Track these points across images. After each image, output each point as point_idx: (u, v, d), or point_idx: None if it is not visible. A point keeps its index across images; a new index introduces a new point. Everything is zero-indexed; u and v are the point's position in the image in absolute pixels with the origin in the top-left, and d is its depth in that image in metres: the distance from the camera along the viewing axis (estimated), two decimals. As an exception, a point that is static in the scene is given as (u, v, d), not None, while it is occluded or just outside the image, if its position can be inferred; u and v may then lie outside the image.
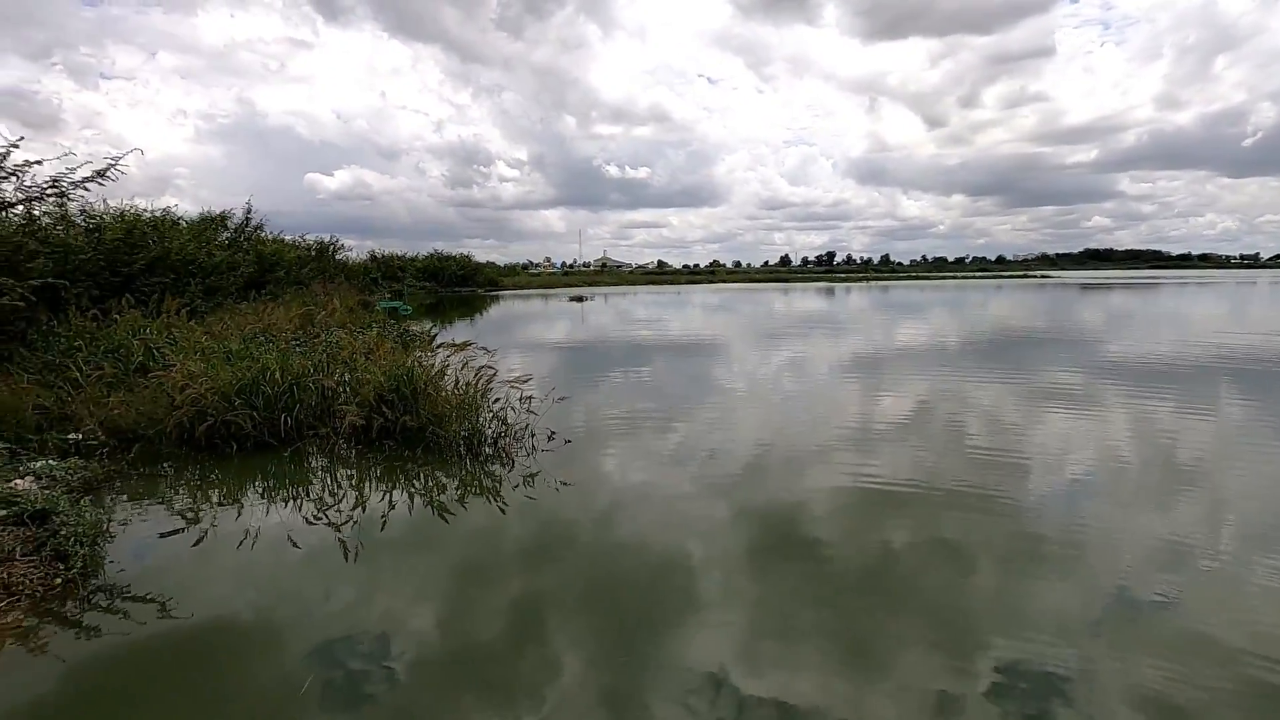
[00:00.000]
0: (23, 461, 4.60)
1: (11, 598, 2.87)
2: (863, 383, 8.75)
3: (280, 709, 2.32)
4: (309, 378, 5.65)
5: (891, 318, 20.62)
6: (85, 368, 6.19)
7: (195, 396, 5.23)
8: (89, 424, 5.30)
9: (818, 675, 2.53)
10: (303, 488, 4.70)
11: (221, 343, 6.78)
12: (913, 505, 4.27)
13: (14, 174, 6.78)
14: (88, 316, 7.75)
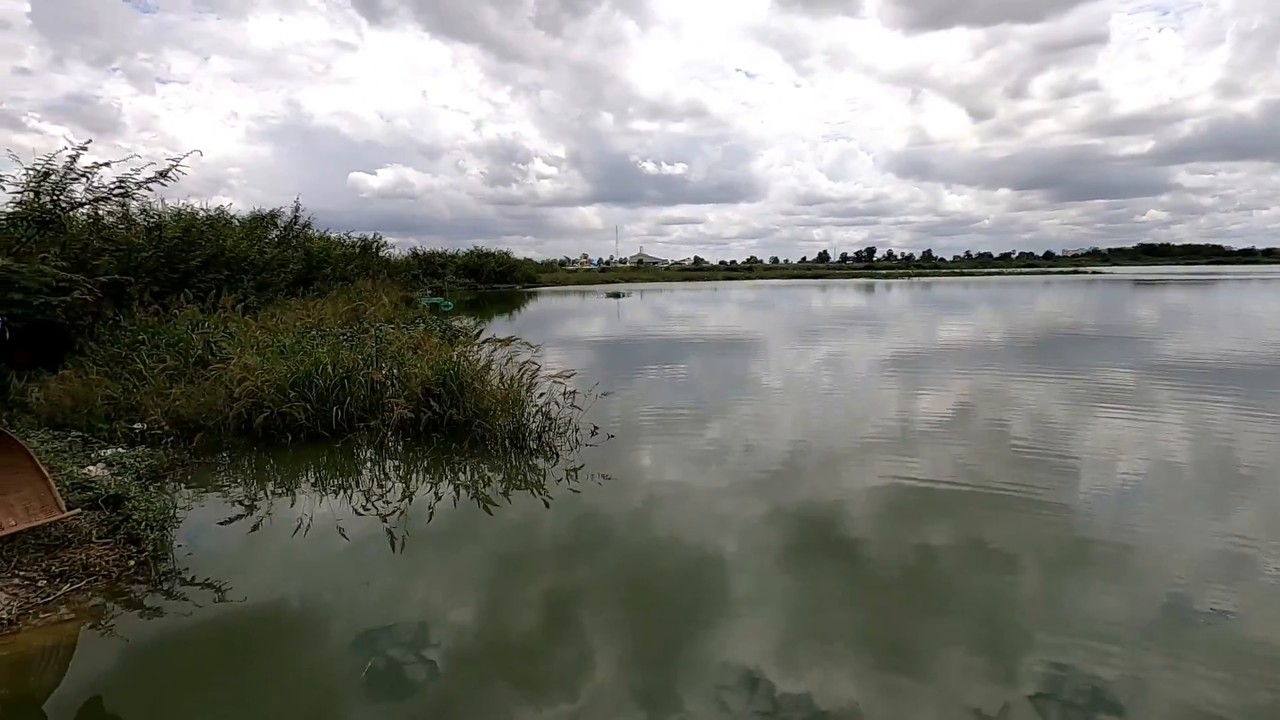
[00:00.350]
0: (94, 449, 4.85)
1: (90, 577, 3.05)
2: (903, 380, 8.60)
3: (326, 691, 2.41)
4: (359, 372, 5.82)
5: (933, 314, 20.21)
6: (148, 360, 6.48)
7: (252, 389, 5.44)
8: (153, 414, 5.55)
9: (855, 677, 2.50)
10: (352, 479, 4.85)
11: (275, 337, 7.02)
12: (954, 506, 4.20)
13: (84, 175, 7.11)
14: (149, 312, 8.11)
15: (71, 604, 2.88)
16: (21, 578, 2.96)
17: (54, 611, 2.81)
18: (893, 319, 18.53)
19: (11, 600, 2.81)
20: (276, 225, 18.55)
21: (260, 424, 5.34)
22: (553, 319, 20.27)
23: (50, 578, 3.00)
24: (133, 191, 7.55)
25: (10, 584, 2.91)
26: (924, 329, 15.46)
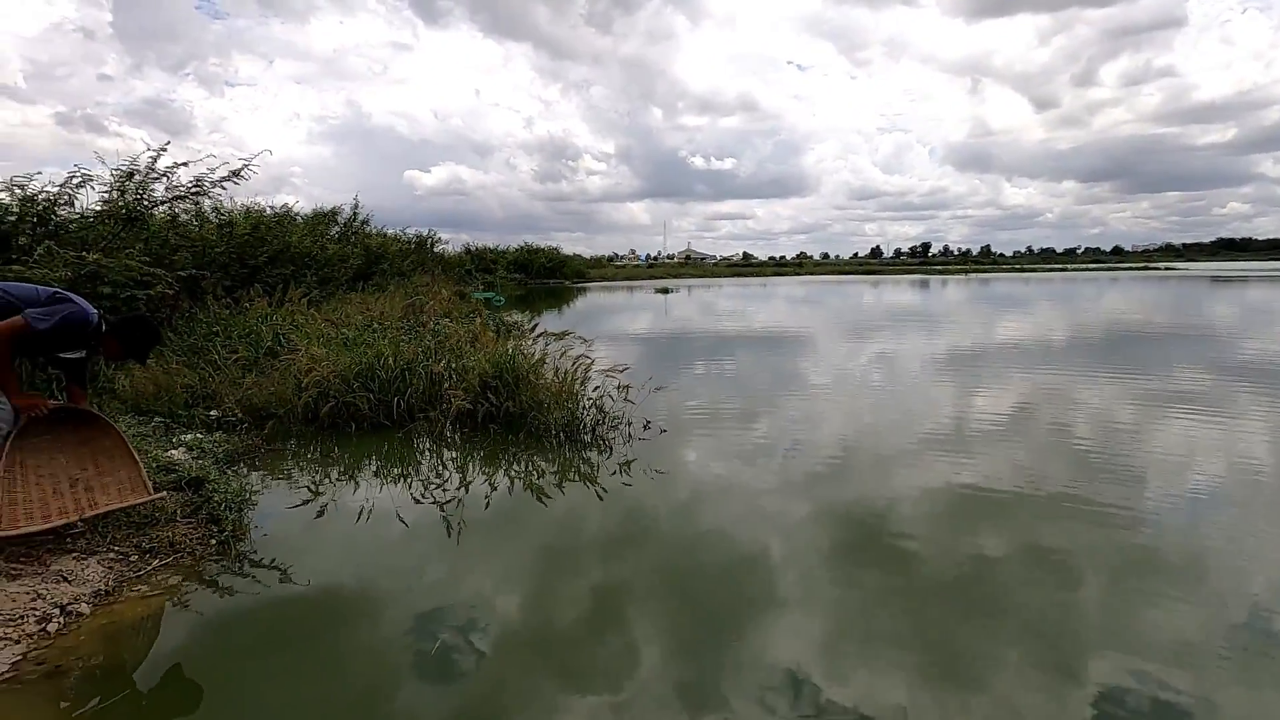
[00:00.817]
0: (176, 434, 5.14)
1: (176, 554, 3.24)
2: (958, 380, 8.36)
3: (379, 671, 2.51)
4: (419, 364, 6.00)
5: (991, 311, 19.59)
6: (222, 351, 6.82)
7: (319, 379, 5.66)
8: (228, 402, 5.84)
9: (903, 684, 2.44)
10: (412, 467, 5.01)
11: (340, 330, 7.29)
12: (1012, 512, 4.05)
13: (164, 175, 7.51)
14: (222, 305, 8.52)
15: (160, 578, 3.06)
16: (116, 552, 3.17)
17: (146, 584, 2.99)
18: (948, 316, 18.02)
19: (109, 573, 3.01)
20: (337, 222, 19.25)
21: (326, 413, 5.56)
22: (601, 314, 20.42)
23: (141, 553, 3.20)
24: (208, 190, 7.94)
25: (106, 558, 3.11)
26: (981, 326, 14.99)
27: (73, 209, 6.95)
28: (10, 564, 2.92)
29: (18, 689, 2.28)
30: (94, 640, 2.58)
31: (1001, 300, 24.93)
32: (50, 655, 2.46)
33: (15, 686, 2.28)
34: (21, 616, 2.62)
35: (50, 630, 2.59)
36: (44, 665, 2.40)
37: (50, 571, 2.93)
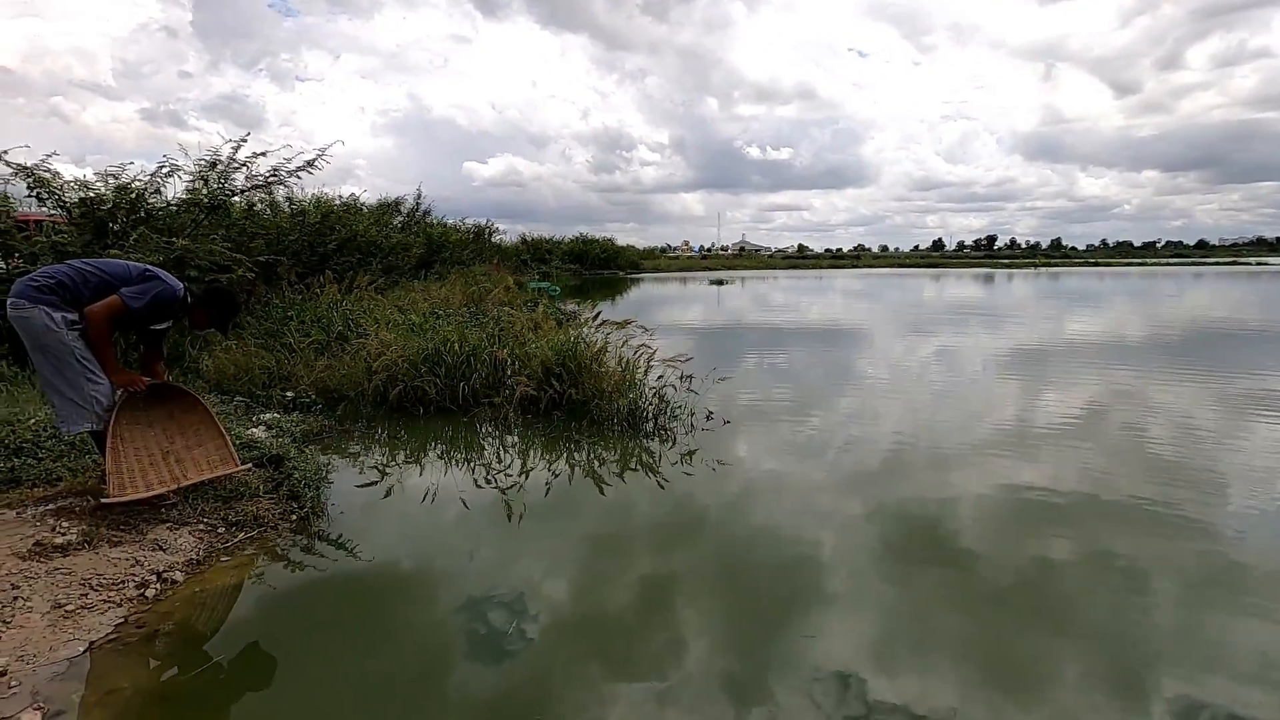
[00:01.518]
0: (255, 413, 5.35)
1: (260, 528, 3.35)
2: (1023, 378, 7.98)
3: (435, 649, 2.57)
4: (484, 350, 6.08)
5: (1061, 307, 18.68)
6: (296, 334, 7.06)
7: (388, 363, 5.80)
8: (303, 384, 6.05)
9: (957, 689, 2.34)
10: (476, 452, 5.08)
11: (407, 316, 7.46)
12: (1078, 517, 3.82)
13: (244, 165, 7.81)
14: (294, 290, 8.83)
15: (246, 550, 3.17)
16: (205, 524, 3.30)
17: (232, 555, 3.11)
18: (1014, 312, 17.26)
19: (199, 543, 3.14)
20: (400, 212, 19.77)
21: (395, 396, 5.69)
22: (655, 304, 20.37)
23: (228, 525, 3.33)
24: (285, 179, 8.23)
25: (197, 529, 3.25)
26: (1049, 323, 14.30)
27: (160, 197, 7.30)
28: (112, 531, 3.07)
29: (120, 650, 2.39)
30: (187, 607, 2.69)
31: (1072, 295, 23.76)
32: (149, 620, 2.58)
33: (119, 648, 2.40)
34: (122, 581, 2.75)
35: (148, 596, 2.71)
36: (143, 629, 2.51)
37: (147, 540, 3.07)
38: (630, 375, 5.77)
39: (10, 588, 2.59)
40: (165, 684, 2.26)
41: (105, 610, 2.58)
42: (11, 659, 2.25)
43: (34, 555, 2.81)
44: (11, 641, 2.33)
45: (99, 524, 3.09)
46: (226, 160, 7.82)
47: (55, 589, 2.62)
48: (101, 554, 2.91)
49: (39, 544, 2.88)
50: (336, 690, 2.31)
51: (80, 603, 2.58)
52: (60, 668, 2.25)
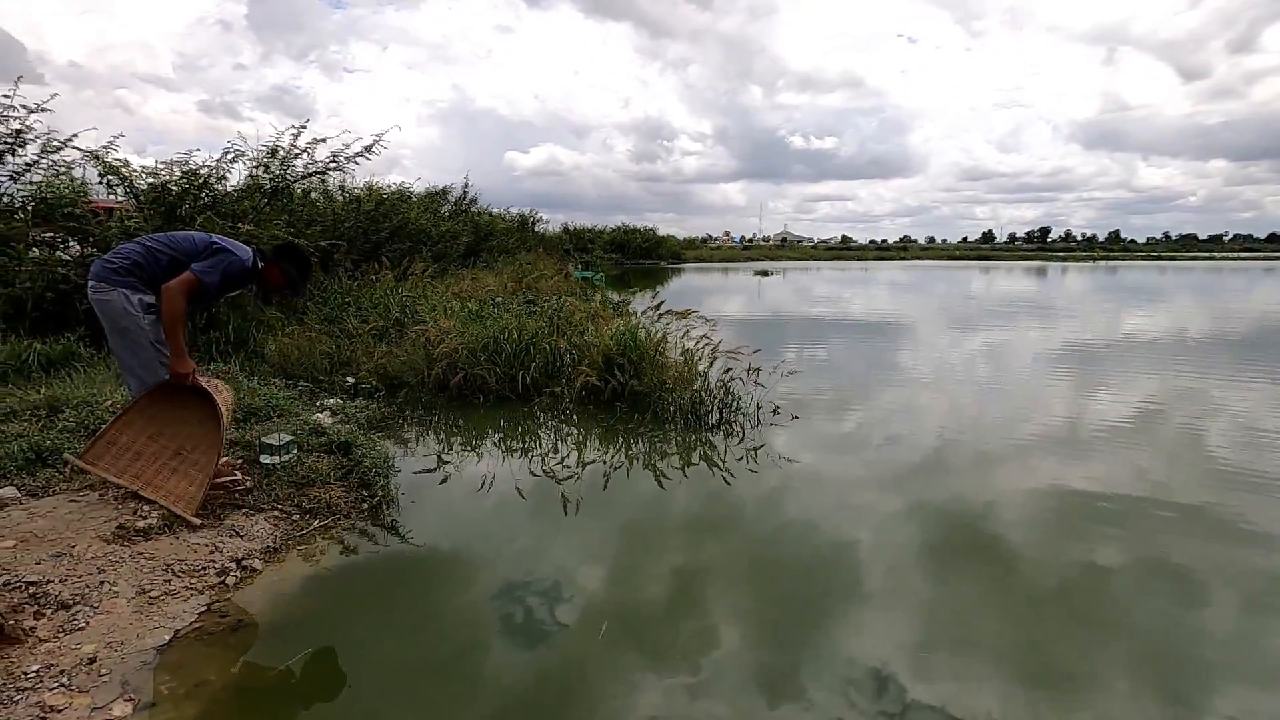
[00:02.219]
0: (319, 399, 5.35)
1: (333, 515, 3.30)
2: (1075, 376, 7.60)
3: (476, 632, 2.56)
4: (543, 339, 5.99)
5: (1118, 303, 17.85)
6: (354, 321, 7.08)
7: (448, 350, 5.74)
8: (363, 370, 6.04)
9: (997, 693, 2.25)
10: (534, 441, 5.00)
11: (464, 303, 7.42)
12: (1131, 521, 3.61)
13: (304, 152, 7.86)
14: (349, 277, 8.89)
15: (320, 539, 3.12)
16: (280, 511, 3.26)
17: (307, 544, 3.06)
18: (1068, 307, 16.55)
19: (275, 530, 3.09)
20: (448, 200, 19.89)
21: (456, 384, 5.64)
22: (698, 294, 20.12)
23: (302, 513, 3.28)
24: (343, 165, 8.26)
25: (272, 516, 3.21)
26: (1105, 319, 13.65)
27: (225, 184, 7.39)
28: (190, 516, 3.04)
29: (205, 640, 2.34)
30: (267, 597, 2.64)
31: (1130, 290, 22.72)
32: (230, 609, 2.53)
33: (203, 638, 2.35)
34: (204, 568, 2.71)
35: (229, 583, 2.67)
36: (227, 619, 2.46)
37: (224, 526, 3.04)
38: (693, 367, 5.60)
39: (97, 571, 2.57)
40: (251, 678, 2.20)
41: (188, 597, 2.54)
42: (101, 645, 2.21)
43: (117, 539, 2.80)
44: (100, 627, 2.29)
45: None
46: (288, 147, 7.88)
47: (139, 574, 2.60)
48: (181, 539, 2.88)
49: (121, 527, 2.87)
50: (415, 684, 2.22)
51: (164, 589, 2.55)
52: (148, 656, 2.20)
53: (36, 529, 2.80)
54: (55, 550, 2.66)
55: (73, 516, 2.93)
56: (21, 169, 6.08)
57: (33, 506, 3.03)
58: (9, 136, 5.86)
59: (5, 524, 2.83)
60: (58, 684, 2.01)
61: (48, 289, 5.65)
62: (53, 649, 2.17)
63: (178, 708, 2.01)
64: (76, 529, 2.83)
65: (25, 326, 5.43)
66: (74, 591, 2.44)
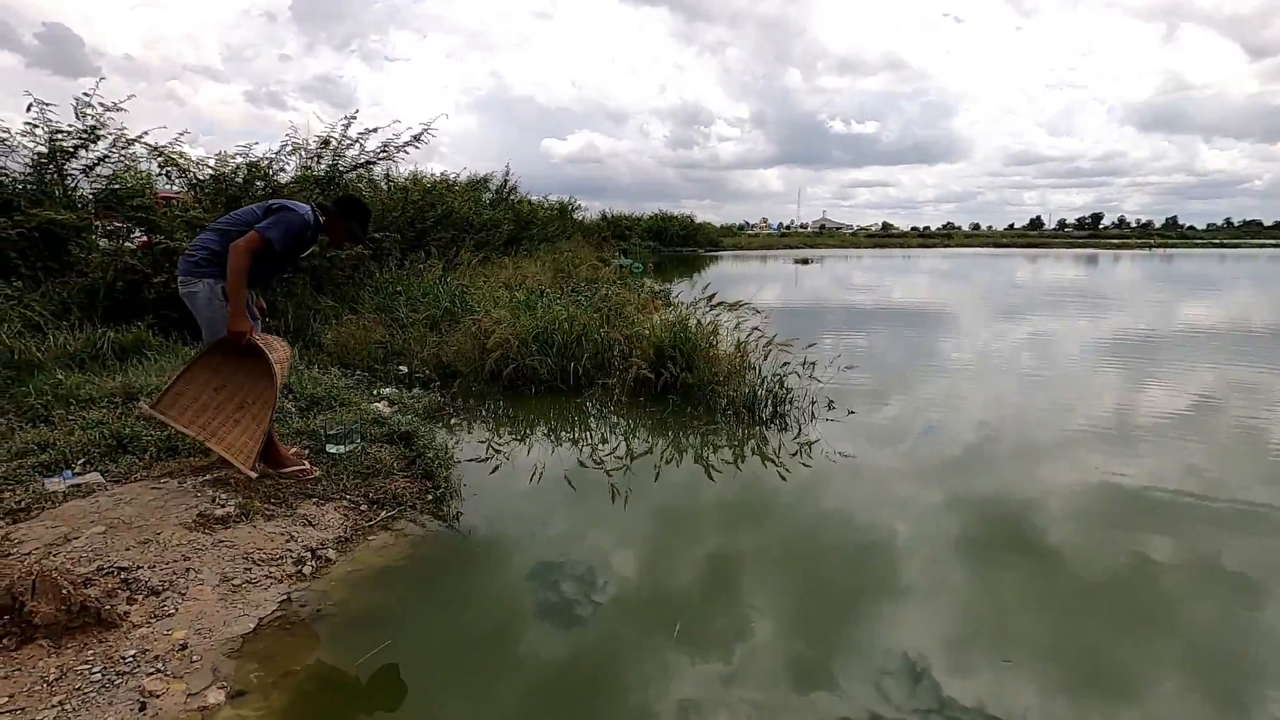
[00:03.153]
0: (376, 388, 5.44)
1: (399, 506, 3.35)
2: (1126, 367, 7.35)
3: (517, 614, 2.65)
4: (595, 330, 5.98)
5: (1173, 292, 17.12)
6: (405, 310, 7.18)
7: (501, 340, 5.77)
8: (416, 360, 6.12)
9: (1038, 690, 2.22)
10: (585, 432, 5.01)
11: (513, 293, 7.46)
12: (1182, 518, 3.52)
13: (355, 142, 7.99)
14: (400, 266, 9.01)
15: (388, 529, 3.17)
16: (349, 501, 3.32)
17: (376, 534, 3.10)
18: (1120, 296, 15.95)
19: (345, 520, 3.15)
20: (489, 189, 20.00)
21: (508, 374, 5.68)
22: (739, 283, 19.92)
23: (370, 503, 3.33)
24: (393, 155, 8.36)
25: (341, 505, 3.27)
26: (1159, 309, 13.16)
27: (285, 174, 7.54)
28: (265, 505, 3.12)
29: (287, 629, 2.39)
30: (343, 587, 2.68)
31: (1189, 280, 21.74)
32: (309, 598, 2.58)
33: (285, 627, 2.40)
34: (280, 557, 2.77)
35: (305, 572, 2.73)
36: (306, 608, 2.52)
37: (297, 515, 3.11)
38: (745, 359, 5.53)
39: (182, 558, 2.64)
40: (333, 669, 2.24)
41: (268, 586, 2.60)
42: (190, 632, 2.28)
43: (198, 526, 2.88)
44: (188, 614, 2.36)
45: (253, 496, 3.15)
46: (339, 137, 8.00)
47: (222, 562, 2.67)
48: (258, 527, 2.95)
49: (202, 515, 2.95)
50: (488, 680, 2.24)
51: (245, 577, 2.61)
52: (235, 644, 2.26)
53: (123, 515, 2.90)
54: (142, 536, 2.75)
55: (156, 503, 3.03)
56: (93, 163, 6.30)
57: (118, 493, 3.14)
58: (84, 132, 6.06)
59: (95, 510, 2.94)
60: (154, 669, 2.08)
61: (118, 278, 5.84)
62: (146, 634, 2.24)
63: (266, 697, 2.06)
64: (160, 516, 2.92)
65: (98, 315, 5.62)
66: (163, 578, 2.51)
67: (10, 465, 3.36)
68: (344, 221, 3.43)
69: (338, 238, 3.56)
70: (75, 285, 5.76)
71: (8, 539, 2.70)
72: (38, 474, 3.32)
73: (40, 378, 4.54)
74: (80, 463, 3.47)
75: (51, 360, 4.92)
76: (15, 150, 6.19)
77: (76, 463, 3.46)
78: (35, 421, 4.01)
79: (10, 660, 2.05)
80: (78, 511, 2.93)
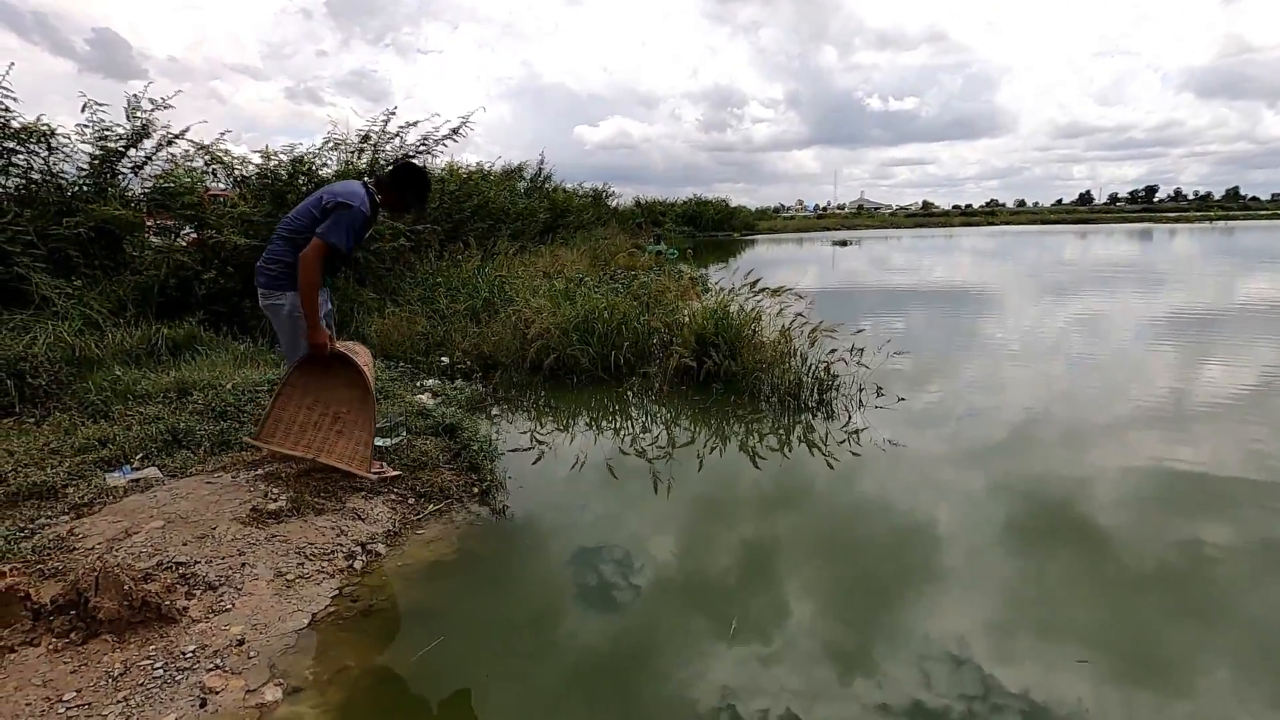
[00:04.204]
0: (419, 379, 5.47)
1: (446, 500, 3.34)
2: (1181, 349, 7.02)
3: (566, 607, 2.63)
4: (636, 319, 5.91)
5: (1234, 268, 16.24)
6: (444, 301, 7.21)
7: (541, 330, 5.74)
8: (458, 350, 6.15)
9: (1086, 678, 2.17)
10: (627, 421, 4.97)
11: (551, 282, 7.43)
12: (1240, 504, 3.37)
13: (396, 135, 8.03)
14: (439, 256, 9.06)
15: (435, 523, 3.16)
16: (396, 494, 3.33)
17: (424, 528, 3.10)
18: (1175, 273, 15.25)
19: (393, 514, 3.16)
20: (524, 178, 20.03)
21: (549, 365, 5.65)
22: (776, 266, 19.60)
23: (417, 496, 3.34)
24: (433, 149, 8.39)
25: (389, 499, 3.28)
26: (1217, 286, 12.53)
27: (329, 170, 7.63)
28: (315, 499, 3.14)
29: (341, 625, 2.40)
30: (394, 582, 2.69)
31: (1251, 255, 20.60)
32: (361, 593, 2.59)
33: (339, 622, 2.41)
34: (332, 551, 2.79)
35: (356, 567, 2.74)
36: (358, 603, 2.52)
37: (346, 509, 3.12)
38: (790, 345, 5.40)
39: (237, 553, 2.67)
40: (387, 665, 2.24)
41: (321, 581, 2.61)
42: (247, 627, 2.30)
43: (252, 521, 2.91)
44: (245, 609, 2.39)
45: (304, 491, 3.18)
46: (379, 131, 8.05)
47: (275, 556, 2.69)
48: (309, 521, 2.98)
49: (255, 510, 2.99)
50: (536, 669, 2.21)
51: (298, 572, 2.63)
52: (290, 640, 2.27)
53: (180, 510, 2.95)
54: (199, 532, 2.79)
55: (211, 498, 3.08)
56: (142, 161, 6.45)
57: (174, 487, 3.21)
58: (135, 131, 6.21)
59: (153, 505, 3.00)
60: (214, 665, 2.10)
61: (170, 275, 5.98)
62: (204, 629, 2.27)
63: (323, 694, 2.06)
64: (215, 510, 2.97)
65: (152, 312, 5.77)
66: (219, 573, 2.55)
67: (74, 461, 3.45)
68: (399, 194, 3.31)
69: (399, 207, 3.40)
70: (130, 283, 5.92)
71: (72, 534, 2.77)
72: (99, 469, 3.41)
73: (100, 374, 4.67)
74: (139, 458, 3.55)
75: (110, 356, 5.06)
76: (72, 155, 6.37)
77: (135, 458, 3.55)
78: (96, 417, 4.13)
79: (77, 654, 2.09)
80: (137, 507, 2.99)
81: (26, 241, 5.57)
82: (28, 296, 5.29)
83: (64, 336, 4.98)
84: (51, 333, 4.90)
